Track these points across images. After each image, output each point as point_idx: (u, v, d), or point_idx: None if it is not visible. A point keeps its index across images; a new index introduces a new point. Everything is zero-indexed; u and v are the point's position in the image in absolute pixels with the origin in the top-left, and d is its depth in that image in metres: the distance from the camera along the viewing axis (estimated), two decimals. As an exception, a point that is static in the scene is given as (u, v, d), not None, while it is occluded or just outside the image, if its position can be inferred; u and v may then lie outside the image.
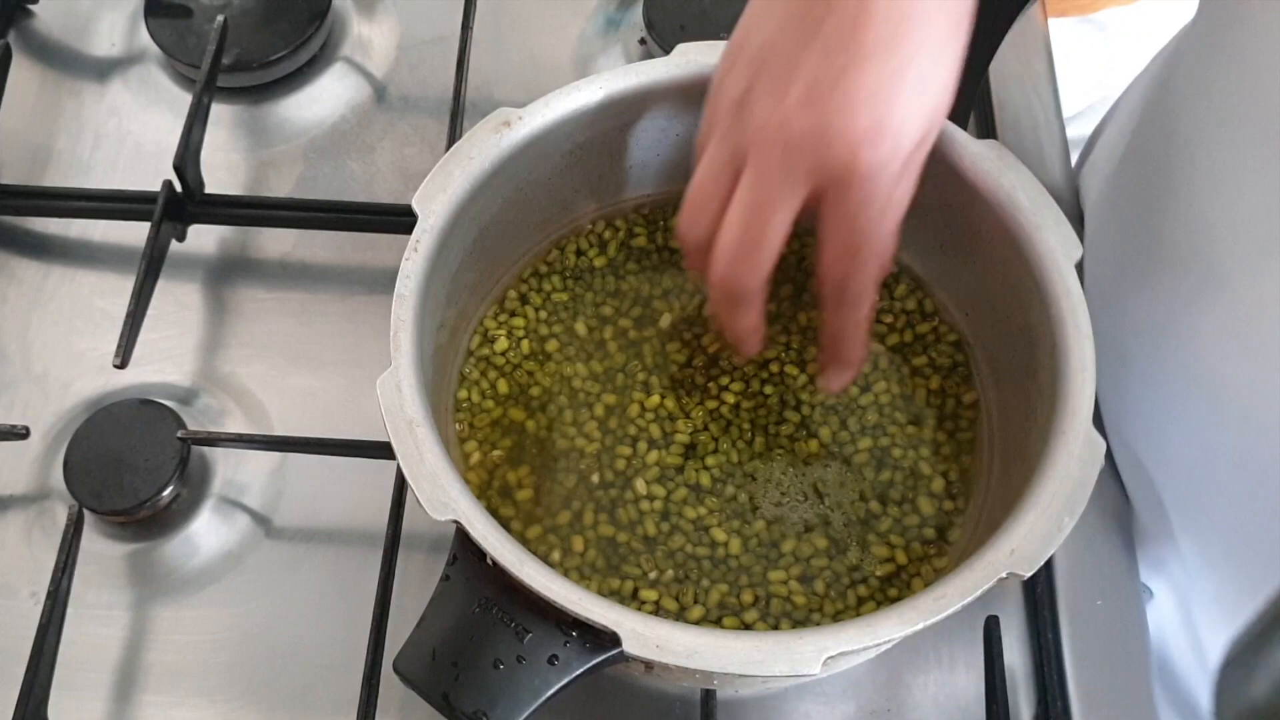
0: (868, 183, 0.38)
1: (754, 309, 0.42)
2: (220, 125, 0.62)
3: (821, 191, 0.39)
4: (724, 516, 0.47)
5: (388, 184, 0.61)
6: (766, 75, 0.39)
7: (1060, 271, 0.44)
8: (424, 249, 0.44)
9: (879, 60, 0.38)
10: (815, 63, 0.38)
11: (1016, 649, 0.50)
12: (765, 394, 0.49)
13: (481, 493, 0.47)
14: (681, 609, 0.45)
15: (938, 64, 0.39)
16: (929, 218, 0.49)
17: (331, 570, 0.51)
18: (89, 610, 0.50)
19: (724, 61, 0.41)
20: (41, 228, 0.59)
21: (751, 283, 0.41)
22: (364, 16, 0.66)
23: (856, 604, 0.45)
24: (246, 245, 0.59)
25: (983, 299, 0.49)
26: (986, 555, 0.39)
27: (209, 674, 0.49)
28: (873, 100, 0.38)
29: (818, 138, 0.38)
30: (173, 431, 0.51)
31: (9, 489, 0.53)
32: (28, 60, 0.64)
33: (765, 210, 0.39)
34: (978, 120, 0.61)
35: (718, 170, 0.40)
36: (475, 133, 0.46)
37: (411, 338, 0.42)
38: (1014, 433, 0.46)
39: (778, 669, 0.37)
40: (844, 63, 0.38)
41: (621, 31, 0.64)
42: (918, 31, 0.38)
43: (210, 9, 0.62)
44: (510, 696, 0.37)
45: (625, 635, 0.37)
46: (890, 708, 0.49)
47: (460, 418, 0.49)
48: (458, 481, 0.40)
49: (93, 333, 0.56)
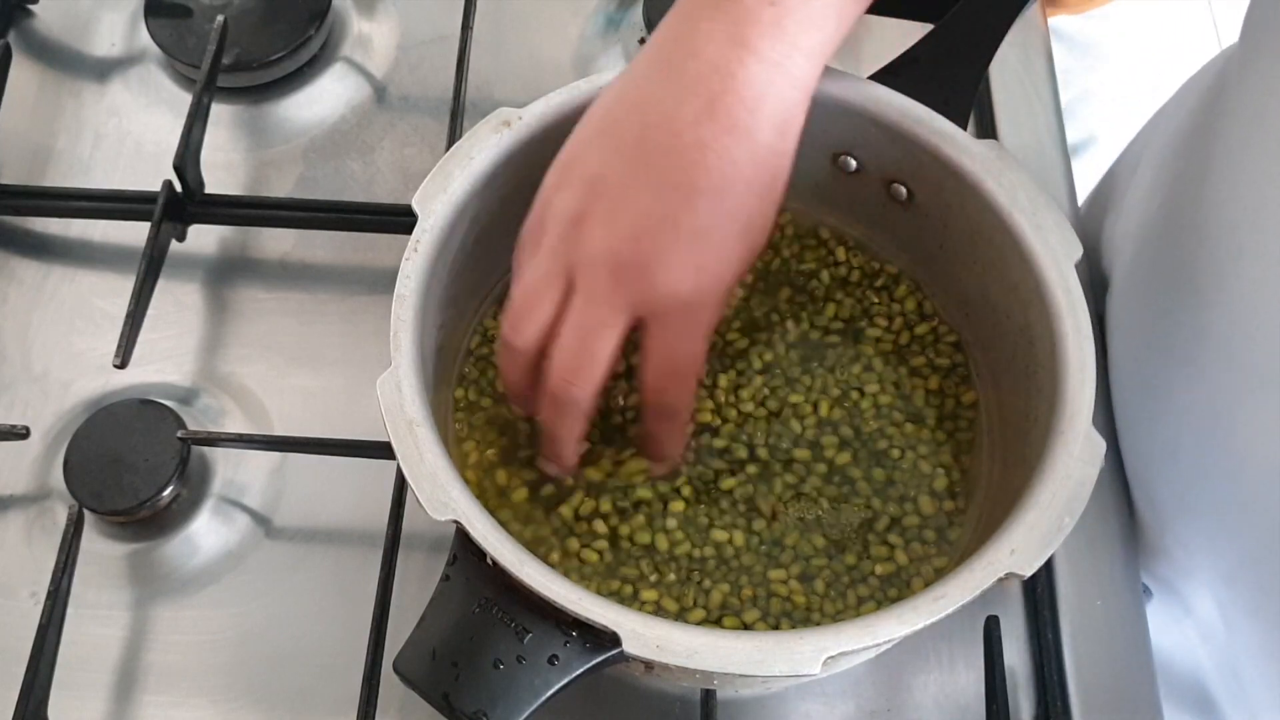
0: (687, 315, 0.41)
1: (582, 420, 0.43)
2: (220, 125, 0.62)
3: (645, 317, 0.41)
4: (725, 517, 0.47)
5: (388, 184, 0.61)
6: (600, 202, 0.41)
7: (1060, 271, 0.44)
8: (424, 249, 0.44)
9: (709, 205, 0.40)
10: (648, 199, 0.40)
11: (1016, 649, 0.50)
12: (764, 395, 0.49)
13: (481, 493, 0.47)
14: (682, 610, 0.45)
15: (761, 208, 0.41)
16: (929, 218, 0.49)
17: (331, 570, 0.51)
18: (89, 610, 0.50)
19: (555, 174, 0.43)
20: (41, 228, 0.59)
21: (583, 396, 0.42)
22: (364, 16, 0.66)
23: (856, 604, 0.45)
24: (246, 245, 0.59)
25: (983, 299, 0.49)
26: (986, 555, 0.39)
27: (209, 674, 0.49)
28: (698, 242, 0.40)
29: (643, 271, 0.40)
30: (173, 431, 0.51)
31: (9, 489, 0.53)
32: (28, 60, 0.64)
33: (595, 332, 0.41)
34: (978, 120, 0.61)
35: (546, 283, 0.42)
36: (475, 133, 0.46)
37: (411, 338, 0.42)
38: (1014, 433, 0.46)
39: (778, 669, 0.37)
40: (676, 204, 0.40)
41: (621, 31, 0.64)
42: (749, 180, 0.40)
43: (210, 9, 0.62)
44: (510, 696, 0.37)
45: (625, 635, 0.37)
46: (890, 708, 0.49)
47: (460, 417, 0.49)
48: (458, 481, 0.40)
49: (93, 333, 0.56)
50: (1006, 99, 0.62)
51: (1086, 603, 0.51)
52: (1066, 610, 0.51)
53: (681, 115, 0.40)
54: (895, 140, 0.47)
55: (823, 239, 0.52)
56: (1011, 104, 0.62)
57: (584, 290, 0.41)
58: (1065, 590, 0.51)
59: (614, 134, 0.41)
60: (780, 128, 0.40)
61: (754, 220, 0.41)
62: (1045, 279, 0.44)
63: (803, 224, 0.52)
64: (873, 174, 0.50)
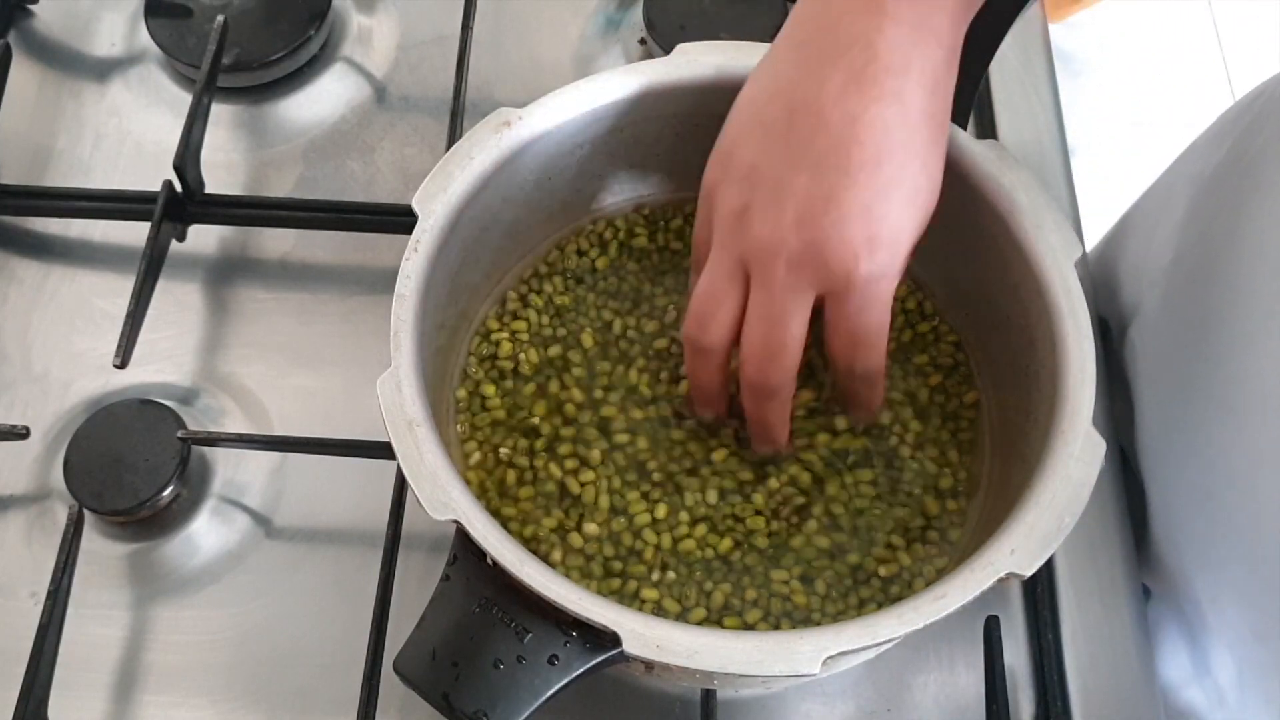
0: (866, 289, 0.41)
1: (784, 404, 0.44)
2: (220, 125, 0.62)
3: (825, 295, 0.42)
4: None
5: (388, 184, 0.61)
6: (761, 193, 0.41)
7: (1060, 271, 0.44)
8: (424, 249, 0.44)
9: (868, 176, 0.40)
10: (806, 183, 0.40)
11: (1016, 649, 0.50)
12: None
13: (481, 493, 0.47)
14: (684, 609, 0.45)
15: (925, 170, 0.41)
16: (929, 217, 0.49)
17: (331, 570, 0.51)
18: (89, 610, 0.50)
19: (713, 169, 0.43)
20: (41, 228, 0.59)
21: (779, 381, 0.43)
22: (364, 16, 0.66)
23: (858, 604, 0.45)
24: (246, 245, 0.59)
25: (983, 299, 0.49)
26: (986, 555, 0.39)
27: (209, 674, 0.49)
28: (865, 216, 0.40)
29: (816, 254, 0.40)
30: (173, 431, 0.51)
31: (9, 489, 0.53)
32: (28, 60, 0.64)
33: (780, 321, 0.42)
34: (978, 120, 0.61)
35: (724, 279, 0.42)
36: (475, 133, 0.46)
37: (411, 338, 0.42)
38: (1014, 433, 0.46)
39: (778, 669, 0.37)
40: (834, 181, 0.40)
41: (621, 31, 0.64)
42: (905, 144, 0.40)
43: (210, 9, 0.62)
44: (510, 696, 0.37)
45: (625, 635, 0.37)
46: (890, 708, 0.49)
47: (461, 418, 0.49)
48: (458, 481, 0.40)
49: (93, 333, 0.56)
50: (1006, 99, 0.62)
51: (1086, 603, 0.51)
52: (1066, 610, 0.51)
53: (826, 92, 0.39)
54: (895, 140, 0.47)
55: (823, 239, 0.52)
56: (1011, 104, 0.62)
57: (761, 282, 0.41)
58: (1065, 590, 0.51)
59: (763, 121, 0.41)
60: (931, 88, 0.40)
61: (919, 184, 0.41)
62: (1046, 279, 0.44)
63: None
64: (873, 174, 0.50)
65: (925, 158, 0.41)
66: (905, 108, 0.40)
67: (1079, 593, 0.51)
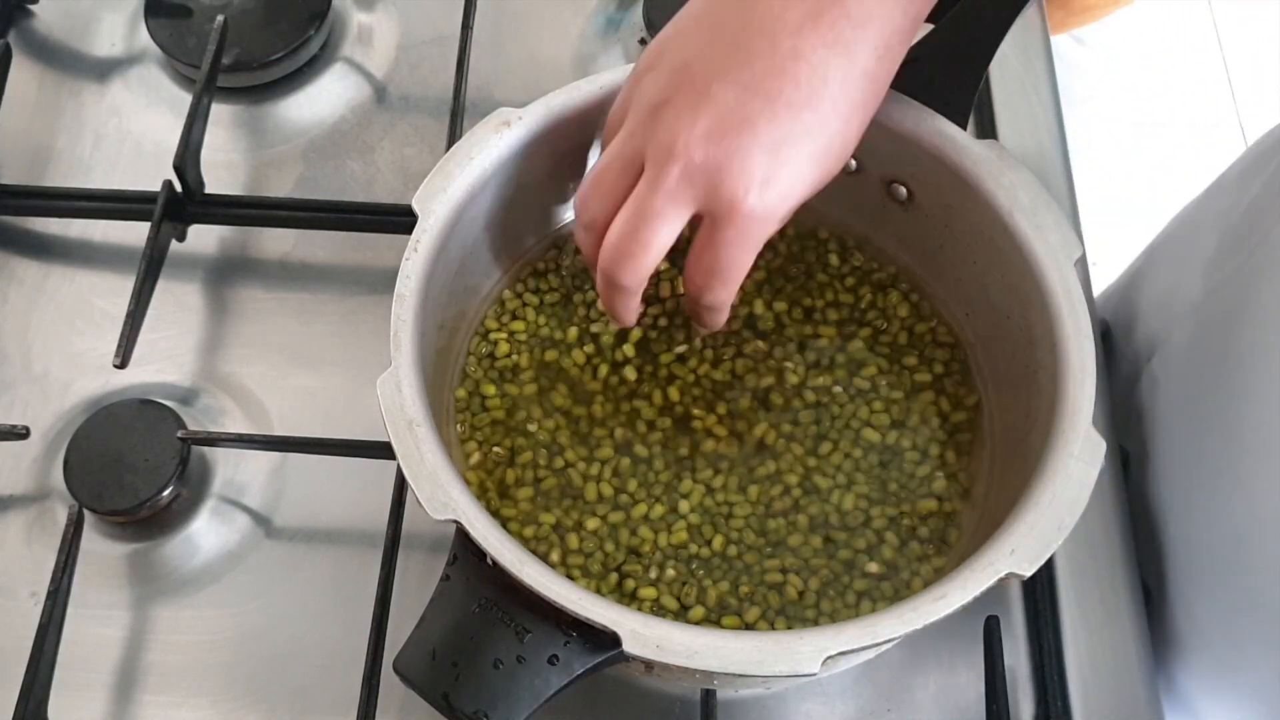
0: (743, 224, 0.40)
1: (632, 298, 0.44)
2: (220, 125, 0.62)
3: (704, 215, 0.41)
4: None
5: (388, 184, 0.61)
6: (685, 93, 0.40)
7: (1060, 271, 0.44)
8: (424, 249, 0.44)
9: (790, 116, 0.39)
10: (730, 100, 0.40)
11: (1016, 649, 0.50)
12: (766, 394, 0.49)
13: (481, 493, 0.47)
14: (683, 608, 0.45)
15: (843, 130, 0.41)
16: (929, 218, 0.49)
17: (331, 570, 0.51)
18: (89, 610, 0.50)
19: (649, 55, 0.43)
20: (41, 228, 0.59)
21: (630, 281, 0.42)
22: (364, 16, 0.66)
23: (856, 603, 0.45)
24: (246, 245, 0.59)
25: (983, 299, 0.49)
26: (986, 555, 0.39)
27: (209, 674, 0.49)
28: (772, 153, 0.40)
29: (712, 174, 0.40)
30: (173, 431, 0.51)
31: (9, 489, 0.53)
32: (28, 60, 0.64)
33: (651, 220, 0.41)
34: (978, 120, 0.61)
35: (619, 165, 0.42)
36: (475, 133, 0.46)
37: (411, 338, 0.42)
38: (1014, 433, 0.46)
39: (778, 669, 0.37)
40: (758, 108, 0.39)
41: (621, 31, 0.64)
42: (835, 97, 0.40)
43: (210, 9, 0.62)
44: (510, 696, 0.37)
45: (625, 635, 0.37)
46: (890, 708, 0.49)
47: (460, 418, 0.49)
48: (458, 481, 0.40)
49: (93, 333, 0.56)
50: (1006, 99, 0.62)
51: (1086, 603, 0.51)
52: (1066, 610, 0.51)
53: (786, 20, 0.39)
54: (895, 140, 0.47)
55: (822, 239, 0.52)
56: (1011, 104, 0.62)
57: (650, 178, 0.41)
58: (1065, 590, 0.51)
59: (712, 24, 0.41)
60: (881, 53, 0.40)
61: (833, 143, 0.40)
62: (1045, 279, 0.44)
63: (802, 224, 0.52)
64: (873, 174, 0.50)
65: (849, 117, 0.40)
66: (850, 62, 0.39)
67: (1079, 593, 0.51)
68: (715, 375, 0.49)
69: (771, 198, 0.40)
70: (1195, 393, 0.52)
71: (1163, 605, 0.53)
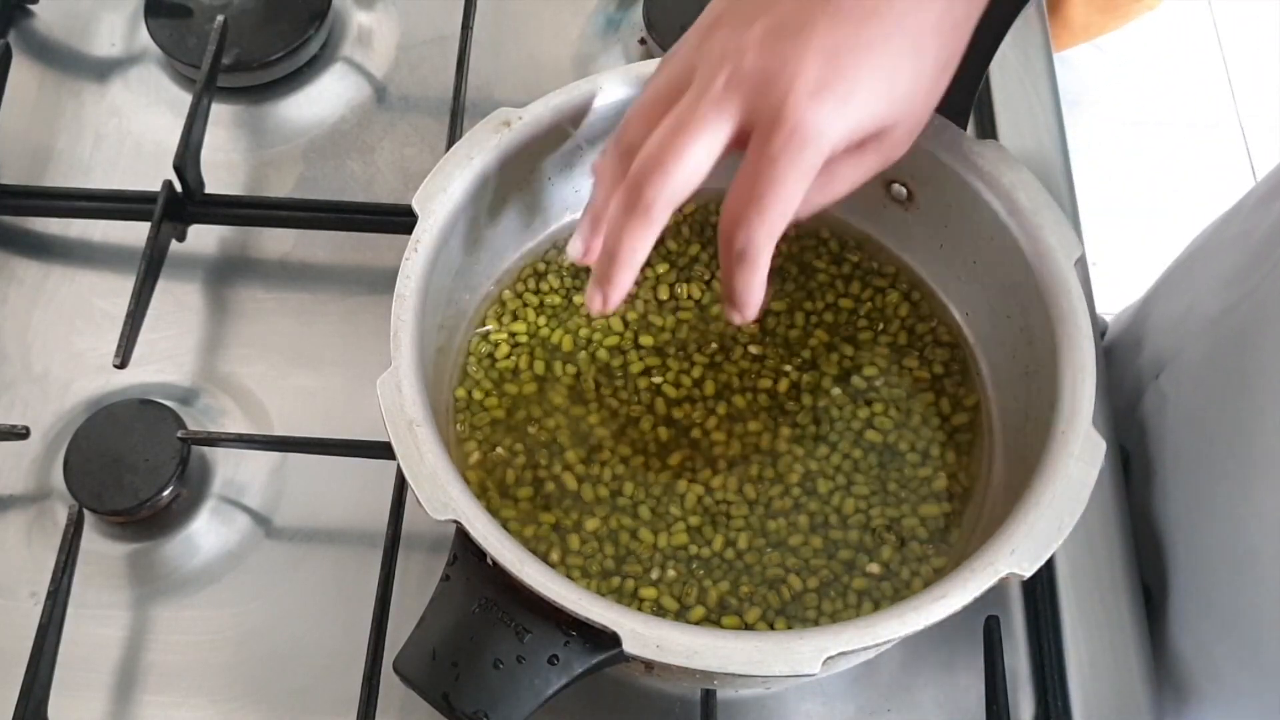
0: (793, 135, 0.37)
1: (645, 235, 0.39)
2: (220, 125, 0.62)
3: (750, 131, 0.38)
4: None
5: (388, 184, 0.61)
6: (740, 7, 0.39)
7: (1060, 271, 0.44)
8: (424, 249, 0.44)
9: (851, 24, 0.37)
10: (790, 5, 0.37)
11: (1016, 649, 0.50)
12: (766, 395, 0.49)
13: (481, 493, 0.47)
14: (683, 608, 0.45)
15: (916, 54, 0.38)
16: (929, 218, 0.49)
17: (331, 570, 0.51)
18: (89, 610, 0.50)
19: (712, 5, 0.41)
20: (41, 228, 0.59)
21: (653, 197, 0.38)
22: (364, 16, 0.66)
23: (856, 603, 0.45)
24: (246, 245, 0.59)
25: (983, 299, 0.49)
26: (986, 555, 0.39)
27: (209, 674, 0.49)
28: (828, 60, 0.37)
29: (762, 76, 0.37)
30: (173, 431, 0.51)
31: (9, 489, 0.53)
32: (28, 60, 0.64)
33: (692, 127, 0.38)
34: (978, 120, 0.61)
35: (670, 86, 0.40)
36: (475, 133, 0.46)
37: (411, 338, 0.42)
38: (1014, 433, 0.46)
39: (778, 669, 0.37)
40: (816, 13, 0.37)
41: (621, 31, 0.64)
42: (906, 11, 0.37)
43: (210, 9, 0.62)
44: (510, 696, 0.37)
45: (625, 635, 0.37)
46: (890, 708, 0.49)
47: (460, 418, 0.49)
48: (458, 481, 0.40)
49: (93, 333, 0.56)
50: (1006, 99, 0.62)
51: (1086, 603, 0.51)
52: (1066, 610, 0.51)
53: None
54: (895, 140, 0.47)
55: (823, 238, 0.52)
56: (1011, 104, 0.62)
57: (697, 86, 0.38)
58: (1065, 590, 0.51)
59: None
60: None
61: (899, 69, 0.37)
62: (1045, 279, 0.44)
63: (802, 223, 0.52)
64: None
65: (920, 47, 0.37)
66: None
67: (1079, 593, 0.51)
68: (715, 376, 0.49)
69: (825, 110, 0.36)
70: (1206, 408, 0.52)
71: (1164, 615, 0.53)
